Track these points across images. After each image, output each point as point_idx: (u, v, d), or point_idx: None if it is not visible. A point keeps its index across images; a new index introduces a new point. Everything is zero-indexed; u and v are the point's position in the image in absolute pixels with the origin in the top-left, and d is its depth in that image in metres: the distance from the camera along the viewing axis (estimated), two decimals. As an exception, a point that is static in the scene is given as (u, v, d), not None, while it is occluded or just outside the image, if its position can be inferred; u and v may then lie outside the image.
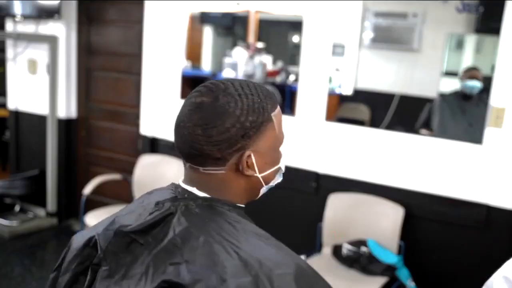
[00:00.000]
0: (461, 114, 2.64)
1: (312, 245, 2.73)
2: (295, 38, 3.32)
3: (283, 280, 0.73)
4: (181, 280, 0.74)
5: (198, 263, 0.75)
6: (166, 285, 0.75)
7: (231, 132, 0.82)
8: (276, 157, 0.91)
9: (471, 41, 2.68)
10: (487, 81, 2.42)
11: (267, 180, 0.91)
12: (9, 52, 3.98)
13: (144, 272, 0.78)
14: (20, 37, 3.75)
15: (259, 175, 0.88)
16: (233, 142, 0.83)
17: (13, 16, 3.76)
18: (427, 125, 2.69)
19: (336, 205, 2.70)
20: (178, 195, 0.88)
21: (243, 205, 0.91)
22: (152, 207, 0.85)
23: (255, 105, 0.84)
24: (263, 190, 0.93)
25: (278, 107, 0.90)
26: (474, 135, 2.45)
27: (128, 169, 3.54)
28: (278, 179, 0.94)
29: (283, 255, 0.79)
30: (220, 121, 0.82)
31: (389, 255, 2.47)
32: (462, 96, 2.62)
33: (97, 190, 3.27)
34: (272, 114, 0.87)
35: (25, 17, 3.73)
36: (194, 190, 0.88)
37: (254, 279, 0.72)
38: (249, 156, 0.85)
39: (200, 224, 0.81)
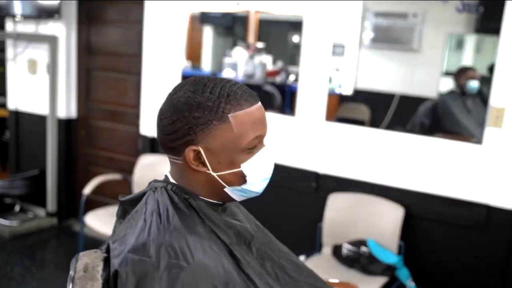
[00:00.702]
0: (467, 113, 2.64)
1: (312, 245, 2.73)
2: (295, 38, 3.32)
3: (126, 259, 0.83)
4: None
5: (119, 236, 0.92)
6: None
7: (177, 125, 0.88)
8: (235, 160, 0.90)
9: (471, 41, 2.68)
10: (487, 81, 2.42)
11: (228, 181, 0.91)
12: (9, 52, 3.98)
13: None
14: (20, 37, 3.75)
15: (214, 174, 0.90)
16: (180, 135, 0.88)
17: (13, 16, 3.76)
18: (435, 127, 2.68)
19: (336, 205, 2.70)
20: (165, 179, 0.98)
21: (212, 200, 0.95)
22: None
23: (207, 103, 0.87)
24: (231, 192, 0.93)
25: (247, 111, 0.88)
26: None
27: (128, 169, 3.54)
28: (254, 186, 0.92)
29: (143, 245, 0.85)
30: (169, 113, 0.90)
31: (389, 255, 2.47)
32: (461, 96, 2.62)
33: (97, 190, 3.27)
34: (230, 115, 0.87)
35: (25, 17, 3.72)
36: (169, 176, 0.98)
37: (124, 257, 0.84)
38: (197, 151, 0.89)
39: (151, 203, 0.92)
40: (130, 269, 0.81)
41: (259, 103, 0.92)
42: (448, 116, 2.66)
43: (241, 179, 0.91)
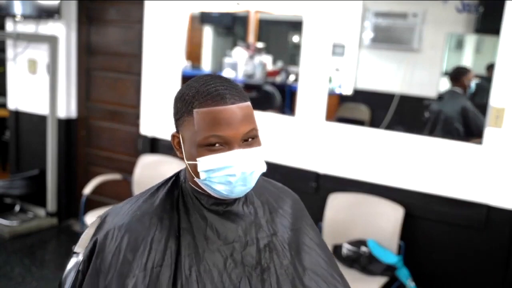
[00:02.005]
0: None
1: (312, 245, 2.73)
2: (295, 38, 3.32)
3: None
4: None
5: None
6: None
7: (173, 112, 1.00)
8: (194, 153, 0.96)
9: (471, 41, 2.68)
10: (487, 81, 2.42)
11: (193, 171, 0.98)
12: (9, 52, 3.98)
13: None
14: (20, 37, 3.75)
15: (186, 161, 0.99)
16: (174, 121, 1.01)
17: (13, 16, 3.76)
18: (469, 132, 2.60)
19: (336, 205, 2.70)
20: None
21: (199, 190, 1.01)
22: None
23: (186, 97, 0.96)
24: (201, 184, 0.98)
25: (209, 109, 0.93)
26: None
27: (128, 169, 3.54)
28: (213, 184, 0.96)
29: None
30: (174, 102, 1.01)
31: (389, 255, 2.47)
32: (465, 97, 2.62)
33: (97, 190, 3.27)
34: (195, 110, 0.94)
35: (25, 17, 3.73)
36: None
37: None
38: (174, 136, 1.01)
39: (161, 187, 1.10)
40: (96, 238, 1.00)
41: (231, 105, 0.93)
42: (478, 120, 2.54)
43: (197, 173, 0.96)
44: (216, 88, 0.94)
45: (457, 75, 2.65)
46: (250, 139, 0.96)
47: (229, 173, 0.94)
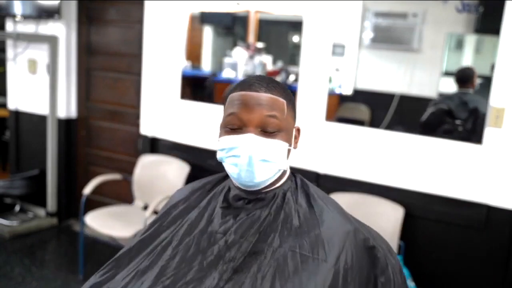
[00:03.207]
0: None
1: (312, 245, 2.73)
2: (295, 38, 3.33)
3: None
4: None
5: None
6: None
7: None
8: (220, 133, 1.06)
9: (471, 41, 2.68)
10: (488, 81, 2.42)
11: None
12: (9, 52, 3.98)
13: None
14: (20, 37, 3.75)
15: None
16: None
17: (13, 16, 3.76)
18: None
19: (336, 205, 2.70)
20: None
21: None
22: None
23: (228, 90, 1.07)
24: (224, 164, 1.07)
25: (234, 93, 1.03)
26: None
27: (128, 169, 3.54)
28: (225, 165, 1.05)
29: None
30: None
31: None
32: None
33: (97, 190, 3.27)
34: (229, 95, 1.05)
35: (25, 17, 3.73)
36: None
37: None
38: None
39: None
40: None
41: (251, 92, 1.01)
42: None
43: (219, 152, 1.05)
44: (250, 79, 1.04)
45: (468, 76, 2.60)
46: (271, 130, 1.00)
47: (235, 153, 1.00)
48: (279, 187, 1.08)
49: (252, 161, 0.99)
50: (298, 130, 1.11)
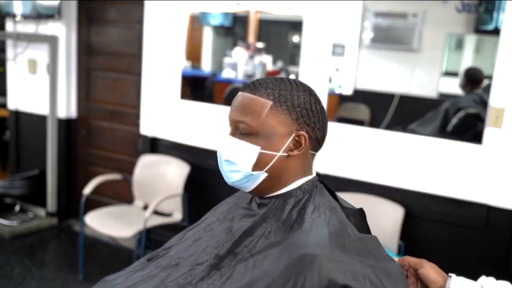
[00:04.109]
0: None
1: (312, 245, 2.73)
2: (295, 38, 3.32)
3: None
4: None
5: None
6: None
7: None
8: None
9: (471, 41, 2.68)
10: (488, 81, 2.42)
11: None
12: (9, 52, 3.98)
13: None
14: (20, 37, 3.75)
15: None
16: None
17: (13, 16, 3.76)
18: None
19: (336, 205, 2.70)
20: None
21: None
22: None
23: None
24: None
25: None
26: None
27: (128, 169, 3.54)
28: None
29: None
30: None
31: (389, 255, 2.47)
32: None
33: (97, 190, 3.27)
34: None
35: (25, 17, 3.73)
36: None
37: None
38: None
39: None
40: None
41: (240, 92, 1.01)
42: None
43: None
44: (254, 80, 1.03)
45: (480, 76, 2.54)
46: (242, 132, 0.99)
47: (219, 155, 1.04)
48: (281, 195, 1.02)
49: (221, 161, 1.03)
50: (300, 136, 1.00)
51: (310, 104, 1.01)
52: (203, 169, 3.19)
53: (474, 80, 2.56)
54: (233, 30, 3.72)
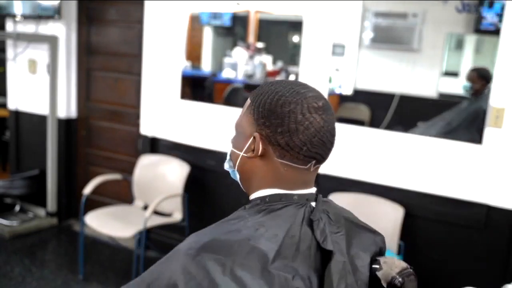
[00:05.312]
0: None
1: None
2: (295, 38, 3.33)
3: None
4: None
5: None
6: None
7: None
8: None
9: (471, 41, 2.68)
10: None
11: None
12: (9, 52, 3.98)
13: None
14: (20, 37, 3.75)
15: None
16: None
17: (13, 16, 3.76)
18: None
19: (336, 205, 2.70)
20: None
21: None
22: None
23: None
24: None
25: None
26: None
27: (128, 169, 3.54)
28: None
29: None
30: None
31: (389, 255, 2.47)
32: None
33: (97, 190, 3.27)
34: None
35: (25, 17, 3.73)
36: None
37: None
38: None
39: None
40: None
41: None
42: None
43: None
44: None
45: (489, 75, 2.51)
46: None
47: None
48: (252, 200, 0.95)
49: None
50: (255, 138, 0.90)
51: (275, 106, 0.88)
52: (203, 169, 3.19)
53: (486, 76, 2.52)
54: (233, 30, 3.72)
